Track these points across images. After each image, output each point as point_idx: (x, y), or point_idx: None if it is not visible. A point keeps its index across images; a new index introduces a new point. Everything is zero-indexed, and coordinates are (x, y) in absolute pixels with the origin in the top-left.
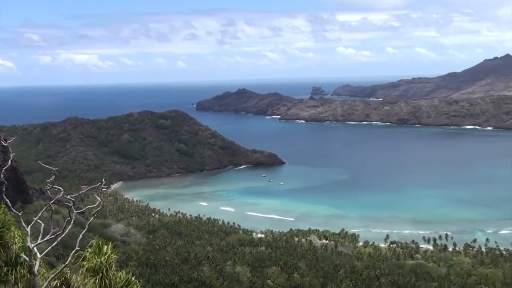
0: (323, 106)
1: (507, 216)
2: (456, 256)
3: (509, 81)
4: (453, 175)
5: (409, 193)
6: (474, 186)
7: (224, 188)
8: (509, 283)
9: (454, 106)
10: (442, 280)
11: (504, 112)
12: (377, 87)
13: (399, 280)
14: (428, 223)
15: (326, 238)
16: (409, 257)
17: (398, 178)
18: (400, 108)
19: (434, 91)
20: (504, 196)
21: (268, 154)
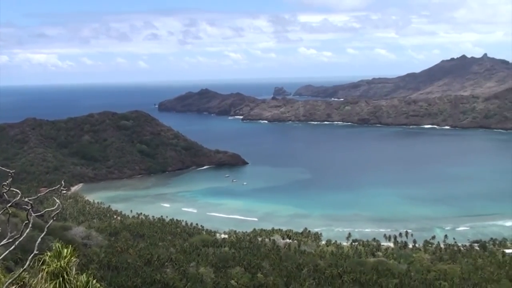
0: (285, 106)
1: (464, 213)
2: (416, 253)
3: (465, 81)
4: (412, 174)
5: (370, 192)
6: (432, 184)
7: (187, 189)
8: (467, 278)
9: (413, 106)
10: (402, 277)
11: (461, 111)
12: (339, 87)
13: (361, 278)
14: (388, 221)
15: (289, 238)
16: (370, 254)
17: (359, 177)
18: (361, 108)
19: (394, 91)
20: (461, 194)
21: (231, 154)
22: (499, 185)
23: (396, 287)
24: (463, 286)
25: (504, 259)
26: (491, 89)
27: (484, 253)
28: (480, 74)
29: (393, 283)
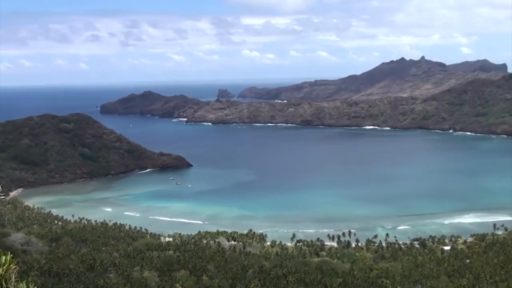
0: (229, 108)
1: (404, 212)
2: (358, 252)
3: (404, 83)
4: (354, 174)
5: (313, 193)
6: (373, 184)
7: (130, 192)
8: (408, 275)
9: (354, 107)
10: (346, 276)
11: (400, 113)
12: (282, 89)
13: (305, 278)
14: (332, 221)
15: (234, 239)
16: (314, 254)
17: (303, 178)
18: (304, 109)
19: (336, 93)
20: (401, 193)
21: (175, 157)
22: (436, 184)
23: (340, 286)
24: (405, 283)
25: (443, 255)
26: (429, 91)
27: (424, 250)
28: (418, 76)
29: (337, 282)
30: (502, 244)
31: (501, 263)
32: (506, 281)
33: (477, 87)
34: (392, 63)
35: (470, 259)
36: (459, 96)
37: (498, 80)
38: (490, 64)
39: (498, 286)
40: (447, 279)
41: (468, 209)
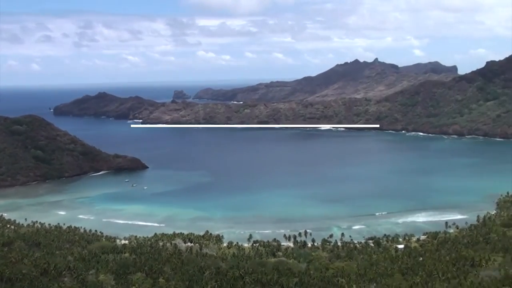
0: (185, 110)
1: (359, 212)
2: (314, 252)
3: (358, 84)
4: (310, 175)
5: (269, 193)
6: (329, 185)
7: (85, 195)
8: (363, 274)
9: (310, 108)
10: (302, 275)
11: (355, 113)
12: (238, 91)
13: (262, 278)
14: (288, 222)
15: (191, 241)
16: (271, 255)
17: (259, 179)
18: (260, 111)
19: (291, 94)
20: (356, 193)
21: (130, 158)
22: (390, 184)
23: (296, 285)
24: (360, 281)
25: (397, 254)
26: (382, 92)
27: (378, 249)
28: (372, 77)
29: (293, 282)
30: (454, 241)
31: (452, 260)
32: (457, 277)
33: (428, 89)
34: (347, 65)
35: (423, 257)
36: (411, 97)
37: (449, 81)
38: (441, 66)
39: (450, 282)
40: (401, 277)
41: (420, 208)
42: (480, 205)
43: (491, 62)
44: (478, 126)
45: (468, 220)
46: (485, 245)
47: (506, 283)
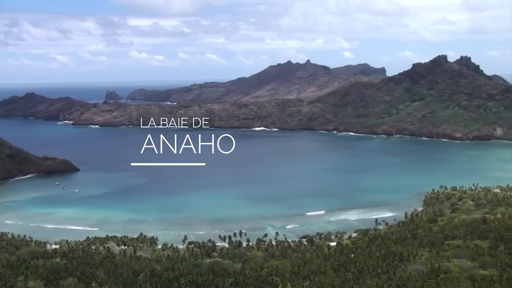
0: (118, 111)
1: (293, 211)
2: (249, 251)
3: (291, 85)
4: (244, 175)
5: (204, 194)
6: (263, 185)
7: (12, 199)
8: (297, 272)
9: (244, 109)
10: (237, 275)
11: (288, 114)
12: (171, 91)
13: (197, 279)
14: (223, 222)
15: (125, 244)
16: (206, 255)
17: (193, 180)
18: (194, 111)
19: (225, 95)
20: (290, 193)
21: (61, 161)
22: (323, 183)
23: (232, 285)
24: (294, 279)
25: (329, 251)
26: (314, 93)
27: (311, 247)
28: (304, 79)
29: (228, 282)
30: (383, 238)
31: (382, 256)
32: (387, 272)
33: (358, 90)
34: (280, 66)
35: (355, 254)
36: (342, 98)
37: (378, 83)
38: (370, 68)
39: (380, 278)
40: (333, 273)
41: (352, 206)
42: (408, 202)
43: (417, 64)
44: (405, 126)
45: (396, 217)
46: (412, 241)
47: (432, 276)
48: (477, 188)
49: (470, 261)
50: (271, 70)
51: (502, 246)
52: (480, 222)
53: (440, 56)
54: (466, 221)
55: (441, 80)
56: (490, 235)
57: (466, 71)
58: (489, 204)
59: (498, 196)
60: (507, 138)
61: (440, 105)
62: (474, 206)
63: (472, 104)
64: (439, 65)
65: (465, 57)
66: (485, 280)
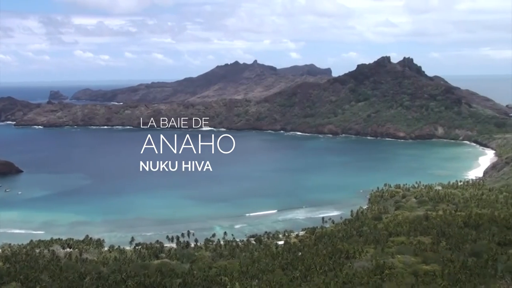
0: (62, 111)
1: (241, 210)
2: (198, 252)
3: (238, 86)
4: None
5: (151, 195)
6: (210, 184)
7: None
8: (245, 271)
9: (191, 109)
10: (186, 276)
11: (235, 114)
12: (118, 91)
13: (145, 281)
14: (171, 223)
15: (70, 247)
16: (154, 257)
17: (140, 181)
18: (141, 111)
19: (173, 95)
20: (237, 192)
21: (3, 162)
22: (270, 182)
23: (180, 286)
24: (242, 279)
25: (277, 250)
26: (261, 93)
27: (260, 246)
28: (251, 79)
29: (176, 283)
30: (330, 236)
31: (329, 254)
32: (334, 270)
33: (305, 90)
34: (227, 66)
35: (302, 252)
36: (289, 98)
37: (324, 83)
38: (317, 68)
39: (327, 275)
40: (281, 272)
41: (299, 205)
42: (353, 200)
43: (361, 65)
44: (350, 126)
45: (343, 215)
46: (358, 238)
47: (377, 273)
48: (419, 185)
49: (413, 256)
50: (219, 70)
51: (444, 242)
52: (423, 218)
53: (383, 57)
54: (410, 218)
55: (385, 80)
56: (432, 231)
57: (408, 72)
58: (431, 201)
59: (439, 193)
60: (447, 137)
61: (384, 105)
62: (417, 203)
63: (415, 104)
64: (382, 66)
65: (408, 58)
66: (427, 275)
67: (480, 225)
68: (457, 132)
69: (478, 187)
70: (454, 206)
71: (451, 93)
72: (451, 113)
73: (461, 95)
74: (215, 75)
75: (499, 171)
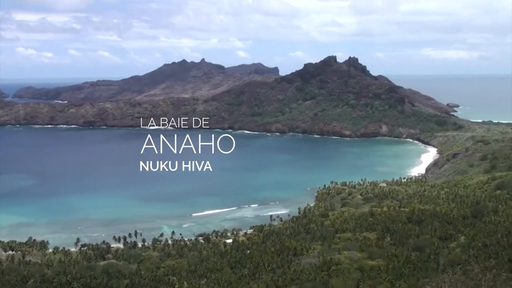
0: (3, 109)
1: (189, 209)
2: (145, 252)
3: (186, 84)
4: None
5: (97, 195)
6: (158, 184)
7: None
8: (193, 270)
9: (138, 108)
10: (133, 276)
11: (183, 113)
12: (62, 89)
13: (91, 282)
14: (117, 223)
15: (13, 249)
16: (100, 258)
17: (85, 181)
18: (86, 110)
19: (119, 94)
20: (185, 191)
21: None
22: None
23: (127, 287)
24: (190, 278)
25: (226, 248)
26: (209, 92)
27: (208, 245)
28: (199, 78)
29: (123, 283)
30: (278, 233)
31: (277, 251)
32: (282, 267)
33: (253, 89)
34: (174, 65)
35: (250, 250)
36: (237, 97)
37: (271, 82)
38: (264, 67)
39: (275, 272)
40: (230, 270)
41: (247, 203)
42: (301, 198)
43: (308, 64)
44: (298, 124)
45: (290, 213)
46: (305, 235)
47: (324, 269)
48: (365, 183)
49: (359, 252)
50: (166, 68)
51: (388, 237)
52: (368, 215)
53: (329, 57)
54: (355, 215)
55: (331, 80)
56: (377, 227)
57: (354, 72)
58: (376, 198)
59: (384, 190)
60: (391, 135)
61: (330, 103)
62: (363, 200)
63: (360, 103)
64: (329, 65)
65: (353, 58)
66: (373, 270)
67: (423, 221)
68: (400, 130)
69: (420, 184)
70: (398, 203)
71: (395, 92)
72: (395, 112)
73: (404, 94)
74: (162, 73)
75: (440, 168)
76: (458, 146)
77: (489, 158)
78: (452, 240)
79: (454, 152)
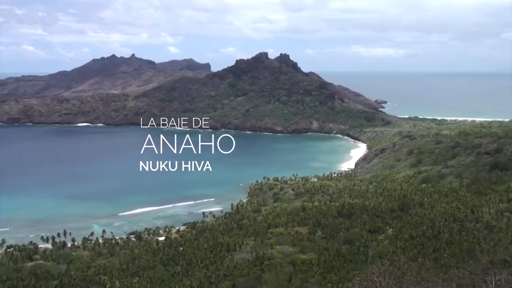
0: None
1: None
2: (75, 251)
3: (116, 80)
4: (66, 173)
5: (23, 194)
6: (87, 182)
7: None
8: (125, 269)
9: (65, 104)
10: (62, 277)
11: (113, 109)
12: None
13: (18, 284)
14: (45, 223)
15: None
16: (27, 259)
17: (11, 180)
18: (10, 107)
19: (45, 89)
20: (116, 189)
21: None
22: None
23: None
24: (122, 277)
25: (158, 246)
26: (140, 88)
27: (140, 243)
28: (129, 73)
29: (52, 284)
30: (211, 230)
31: (210, 248)
32: (215, 263)
33: (184, 85)
34: (103, 60)
35: (183, 247)
36: (168, 93)
37: (203, 78)
38: (196, 63)
39: (208, 268)
40: (162, 268)
41: (179, 200)
42: (233, 194)
43: (240, 61)
44: (230, 120)
45: (223, 209)
46: (238, 231)
47: (257, 264)
48: (296, 178)
49: (291, 247)
50: (94, 63)
51: (320, 231)
52: (300, 210)
53: (261, 53)
54: (288, 210)
55: (263, 76)
56: (309, 221)
57: (285, 68)
58: (308, 193)
59: (315, 185)
60: (322, 131)
61: (262, 100)
62: (294, 195)
63: (291, 99)
64: (260, 61)
65: (284, 55)
66: (305, 264)
67: (353, 214)
68: (330, 126)
69: (350, 178)
70: (328, 197)
71: (325, 89)
72: (325, 108)
73: (334, 90)
74: (91, 68)
75: (369, 162)
76: (386, 141)
77: (415, 153)
78: (381, 232)
79: (382, 147)
